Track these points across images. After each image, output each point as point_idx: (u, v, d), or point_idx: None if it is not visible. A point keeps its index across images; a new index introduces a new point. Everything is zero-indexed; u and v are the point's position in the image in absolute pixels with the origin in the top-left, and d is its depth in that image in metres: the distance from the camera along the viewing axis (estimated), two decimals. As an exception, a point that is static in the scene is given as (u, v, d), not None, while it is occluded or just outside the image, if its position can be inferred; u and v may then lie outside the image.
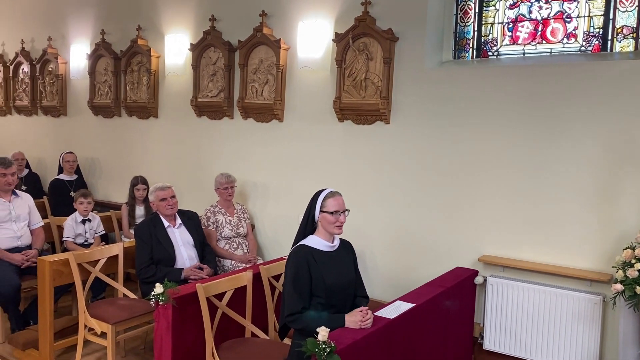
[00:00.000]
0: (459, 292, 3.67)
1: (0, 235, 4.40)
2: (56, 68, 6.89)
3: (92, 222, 4.96)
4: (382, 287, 4.40)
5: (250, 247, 4.89)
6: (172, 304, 3.17)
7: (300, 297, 2.75)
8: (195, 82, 5.52)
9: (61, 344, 4.05)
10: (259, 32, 4.94)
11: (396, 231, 4.38)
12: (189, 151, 5.73)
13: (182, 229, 4.34)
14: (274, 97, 4.94)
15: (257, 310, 3.58)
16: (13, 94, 7.58)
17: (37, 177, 6.81)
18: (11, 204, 4.54)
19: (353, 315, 2.75)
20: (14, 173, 4.56)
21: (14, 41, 7.49)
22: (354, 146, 4.57)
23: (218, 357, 3.15)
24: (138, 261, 4.09)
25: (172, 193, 4.31)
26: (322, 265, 2.82)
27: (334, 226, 2.85)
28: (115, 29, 6.28)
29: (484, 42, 4.31)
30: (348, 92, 4.48)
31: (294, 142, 4.93)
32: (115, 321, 3.71)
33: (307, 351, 2.42)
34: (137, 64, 6.01)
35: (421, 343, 3.25)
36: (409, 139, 4.29)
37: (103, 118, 6.51)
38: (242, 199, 5.26)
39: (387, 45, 4.26)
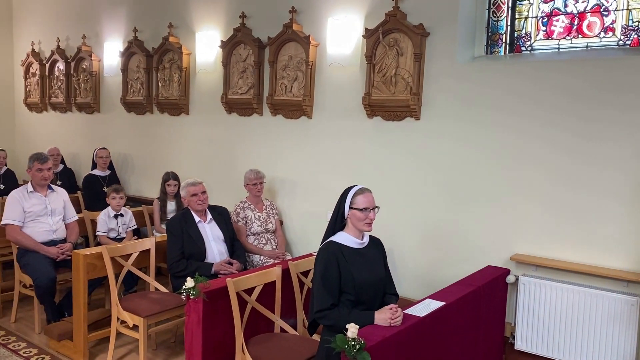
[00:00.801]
0: (490, 291, 3.61)
1: (37, 229, 4.53)
2: (90, 65, 7.04)
3: (124, 216, 5.05)
4: (412, 285, 4.36)
5: (278, 243, 4.91)
6: (203, 298, 3.21)
7: (329, 293, 2.74)
8: (225, 79, 5.56)
9: (94, 336, 4.14)
10: (288, 29, 4.95)
11: (426, 229, 4.34)
12: (219, 147, 5.78)
13: (212, 224, 4.39)
14: (303, 94, 4.94)
15: (286, 306, 3.60)
16: (49, 91, 7.77)
17: (71, 173, 6.97)
18: (47, 198, 4.65)
19: (382, 313, 2.73)
20: (49, 168, 4.67)
21: (50, 39, 7.67)
22: (383, 142, 4.54)
23: (247, 351, 3.17)
24: (169, 255, 4.15)
25: (202, 189, 4.36)
26: (352, 261, 2.81)
27: (364, 223, 2.84)
28: (147, 26, 6.37)
29: (517, 37, 4.23)
30: (378, 88, 4.46)
31: (323, 138, 4.93)
32: (147, 314, 3.77)
33: (336, 347, 2.42)
34: (168, 61, 6.09)
35: (451, 342, 3.21)
36: (440, 135, 4.24)
37: (135, 115, 6.62)
38: (271, 195, 5.29)
39: (418, 41, 4.21)
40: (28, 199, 4.56)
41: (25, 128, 8.38)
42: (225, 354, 3.36)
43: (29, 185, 4.64)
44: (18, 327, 4.65)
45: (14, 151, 8.11)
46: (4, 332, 4.53)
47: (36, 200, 4.59)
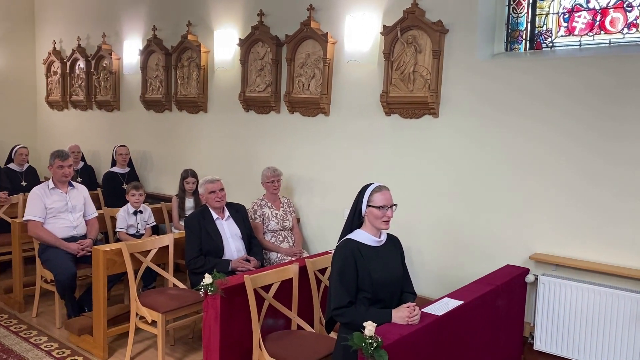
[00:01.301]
0: (509, 291, 3.58)
1: (58, 225, 4.60)
2: (110, 64, 7.11)
3: (143, 213, 5.10)
4: (429, 283, 4.34)
5: (295, 241, 4.92)
6: (221, 295, 3.22)
7: (346, 291, 2.74)
8: (243, 76, 5.58)
9: (114, 331, 4.19)
10: (306, 26, 4.95)
11: (444, 227, 4.31)
12: (237, 145, 5.80)
13: (230, 222, 4.41)
14: (320, 91, 4.94)
15: (302, 303, 3.60)
16: (69, 90, 7.87)
17: (91, 170, 7.05)
18: (67, 195, 4.72)
19: (400, 311, 2.72)
20: (70, 165, 4.74)
21: (71, 38, 7.77)
22: (401, 140, 4.51)
23: (265, 348, 3.18)
24: (188, 252, 4.19)
25: (220, 186, 4.39)
26: (369, 259, 2.80)
27: (381, 221, 2.83)
28: (166, 25, 6.42)
29: (537, 34, 4.17)
30: (395, 86, 4.43)
31: (340, 136, 4.92)
32: (165, 310, 3.81)
33: (353, 345, 2.41)
34: (187, 60, 6.13)
35: (470, 341, 3.19)
36: (459, 133, 4.20)
37: (154, 112, 6.68)
38: (288, 193, 5.30)
39: (437, 38, 4.18)
40: (49, 196, 4.63)
41: (47, 126, 8.51)
42: (243, 350, 3.38)
43: (50, 182, 4.71)
44: (39, 321, 4.73)
45: (36, 149, 8.24)
46: (26, 326, 4.61)
47: (57, 196, 4.66)
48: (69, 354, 4.11)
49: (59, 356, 4.07)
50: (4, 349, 4.13)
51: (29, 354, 4.07)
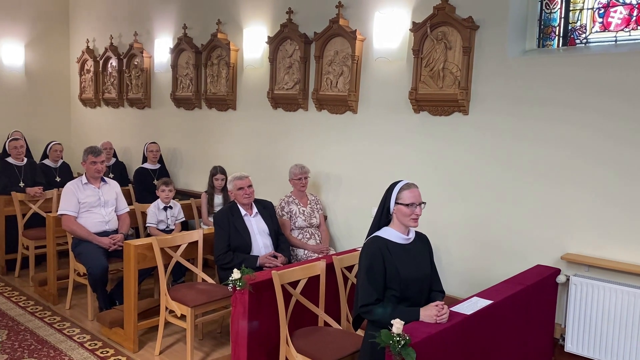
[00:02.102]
0: (539, 291, 3.52)
1: (91, 220, 4.70)
2: (141, 62, 7.23)
3: (173, 209, 5.18)
4: (458, 283, 4.30)
5: (322, 238, 4.93)
6: (249, 290, 3.25)
7: (374, 288, 2.73)
8: (271, 74, 5.61)
9: (144, 324, 4.27)
10: (334, 24, 4.95)
11: (474, 226, 4.26)
12: (265, 142, 5.84)
13: (258, 218, 4.44)
14: (348, 89, 4.93)
15: (329, 300, 3.61)
16: (102, 87, 8.03)
17: (123, 166, 7.19)
18: (100, 190, 4.82)
19: (428, 310, 2.70)
20: (103, 161, 4.84)
21: (104, 37, 7.93)
22: (430, 138, 4.48)
23: (292, 344, 3.20)
24: (216, 247, 4.23)
25: (249, 182, 4.42)
26: (397, 257, 2.79)
27: (410, 219, 2.81)
28: (196, 23, 6.50)
29: (571, 30, 4.09)
30: (425, 83, 4.40)
31: (368, 133, 4.91)
32: (194, 304, 3.86)
33: (381, 342, 2.41)
34: (217, 58, 6.19)
35: (499, 341, 3.15)
36: (489, 130, 4.15)
37: (184, 110, 6.77)
38: (315, 190, 5.31)
39: (467, 34, 4.13)
40: (82, 191, 4.74)
41: (80, 123, 8.70)
42: (270, 345, 3.40)
43: (83, 178, 4.82)
44: (72, 313, 4.85)
45: (69, 145, 8.43)
46: (60, 318, 4.72)
47: (90, 191, 4.76)
48: (101, 346, 4.20)
49: (91, 348, 4.17)
50: (39, 340, 4.25)
51: (63, 345, 4.17)
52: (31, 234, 5.64)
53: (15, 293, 5.29)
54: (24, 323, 4.56)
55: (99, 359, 3.99)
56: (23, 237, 5.71)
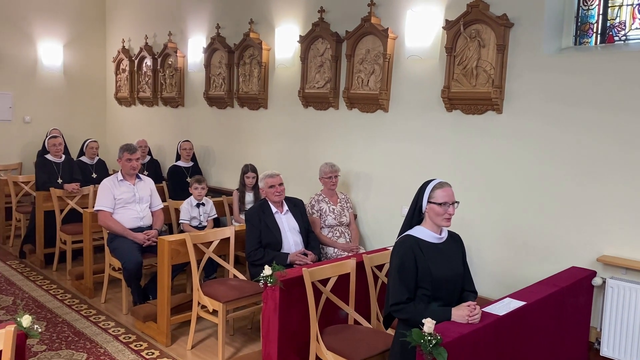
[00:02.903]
0: (574, 293, 3.45)
1: (126, 216, 4.81)
2: (175, 61, 7.35)
3: (205, 206, 5.25)
4: (490, 283, 4.24)
5: (352, 236, 4.93)
6: (280, 286, 3.28)
7: (405, 287, 2.72)
8: (302, 73, 5.63)
9: (177, 319, 4.34)
10: (366, 22, 4.94)
11: (507, 226, 4.20)
12: (296, 141, 5.87)
13: (288, 216, 4.47)
14: (379, 87, 4.92)
15: (359, 299, 3.61)
16: (137, 86, 8.20)
17: (157, 164, 7.32)
18: (135, 186, 4.93)
19: (460, 309, 2.68)
20: (138, 158, 4.94)
21: (139, 37, 8.09)
22: (462, 137, 4.43)
23: (322, 341, 3.21)
24: (248, 244, 4.28)
25: (280, 180, 4.45)
26: (429, 256, 2.77)
27: (442, 218, 2.79)
28: (229, 23, 6.57)
29: (609, 26, 3.99)
30: (458, 81, 4.36)
31: (399, 132, 4.88)
32: (226, 300, 3.91)
33: (412, 341, 2.40)
34: (249, 57, 6.25)
35: (531, 343, 3.10)
36: (523, 129, 4.08)
37: (217, 109, 6.86)
38: (346, 189, 5.31)
39: (501, 32, 4.07)
40: (118, 187, 4.85)
41: (115, 121, 8.90)
42: (300, 342, 3.42)
43: (119, 174, 4.93)
44: (107, 307, 4.96)
45: (105, 143, 8.63)
46: (95, 311, 4.85)
47: (125, 188, 4.87)
48: (135, 339, 4.30)
49: (125, 341, 4.26)
50: (75, 332, 4.37)
51: (98, 338, 4.28)
52: (68, 229, 5.79)
53: (53, 286, 5.45)
54: (61, 315, 4.69)
55: (133, 352, 4.08)
56: (61, 232, 5.87)
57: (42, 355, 3.94)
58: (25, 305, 4.87)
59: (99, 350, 4.07)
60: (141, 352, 4.07)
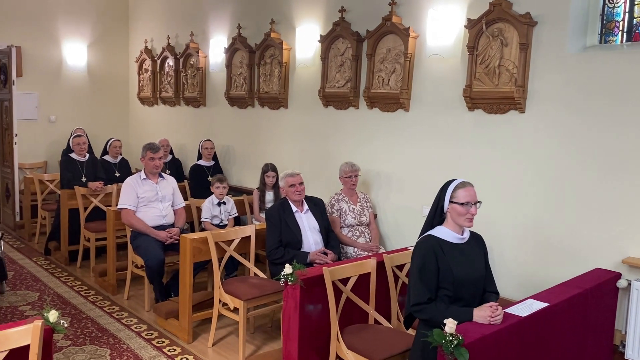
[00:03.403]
0: (598, 295, 3.40)
1: (148, 214, 4.87)
2: (197, 62, 7.42)
3: (226, 204, 5.30)
4: (512, 284, 4.20)
5: (372, 236, 4.92)
6: (300, 285, 3.29)
7: (426, 287, 2.71)
8: (323, 73, 5.64)
9: (198, 316, 4.39)
10: (387, 21, 4.93)
11: (529, 227, 4.15)
12: (316, 140, 5.88)
13: (308, 215, 4.48)
14: (400, 86, 4.91)
15: (379, 298, 3.60)
16: (159, 86, 8.29)
17: (179, 162, 7.40)
18: (158, 185, 4.99)
19: (482, 310, 2.66)
20: (161, 157, 5.00)
21: (161, 37, 8.18)
22: (484, 136, 4.40)
23: (342, 340, 3.22)
24: (268, 243, 4.31)
25: (300, 180, 4.47)
26: (451, 256, 2.76)
27: (464, 218, 2.77)
28: (250, 23, 6.61)
29: (636, 24, 3.92)
30: (480, 80, 4.32)
31: (420, 131, 4.86)
32: (247, 298, 3.93)
33: (433, 341, 2.39)
34: (269, 57, 6.28)
35: (554, 346, 3.06)
36: (547, 129, 4.04)
37: (238, 108, 6.90)
38: (366, 188, 5.31)
39: (524, 30, 4.03)
40: (141, 186, 4.91)
41: (138, 120, 9.02)
42: (320, 341, 3.43)
43: (142, 173, 5.00)
44: (130, 304, 5.03)
45: (128, 142, 8.75)
46: (118, 307, 4.92)
47: (148, 186, 4.93)
48: (157, 336, 4.35)
49: (147, 337, 4.32)
50: (99, 328, 4.44)
51: (121, 334, 4.35)
52: (92, 227, 5.89)
53: (77, 283, 5.55)
54: (85, 311, 4.78)
55: (155, 348, 4.13)
56: (85, 229, 5.97)
57: (67, 350, 4.02)
58: (50, 301, 4.96)
59: (122, 346, 4.14)
60: (163, 349, 4.13)
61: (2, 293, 5.08)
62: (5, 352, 2.24)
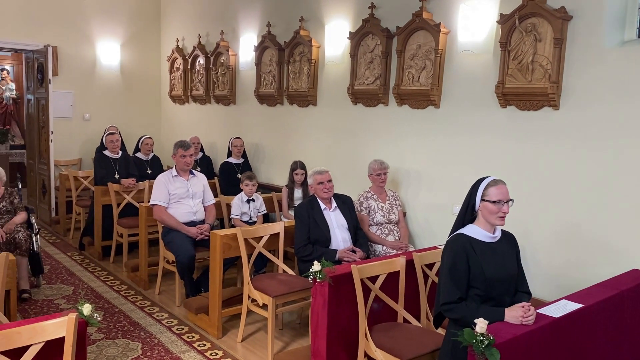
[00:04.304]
0: (636, 297, 3.30)
1: (180, 210, 4.94)
2: (227, 60, 7.48)
3: (255, 202, 5.33)
4: (544, 285, 4.12)
5: (401, 234, 4.88)
6: (329, 282, 3.29)
7: (456, 286, 2.68)
8: (352, 70, 5.62)
9: (228, 312, 4.43)
10: (418, 17, 4.88)
11: (563, 226, 4.05)
12: (344, 137, 5.87)
13: (337, 212, 4.48)
14: (431, 83, 4.85)
15: (408, 297, 3.57)
16: (190, 85, 8.39)
17: (209, 160, 7.48)
18: (189, 182, 5.05)
19: (514, 310, 2.61)
20: (191, 155, 5.07)
21: (192, 36, 8.27)
22: (517, 133, 4.31)
23: (371, 338, 3.20)
24: (297, 240, 4.32)
25: (329, 177, 4.47)
26: (482, 255, 2.71)
27: (496, 217, 2.72)
28: (280, 21, 6.63)
29: (677, 17, 3.79)
30: (512, 76, 4.24)
31: (451, 128, 4.80)
32: (276, 294, 3.95)
33: (463, 341, 2.36)
34: (299, 54, 6.29)
35: (589, 348, 2.98)
36: (582, 126, 3.93)
37: (267, 106, 6.94)
38: (395, 186, 5.27)
39: (559, 25, 3.93)
40: (172, 183, 4.98)
41: (169, 118, 9.15)
42: (349, 338, 3.42)
43: (173, 170, 5.07)
44: (161, 299, 5.12)
45: (160, 139, 8.89)
46: (150, 302, 5.00)
47: (179, 183, 5.00)
48: (187, 331, 4.41)
49: (178, 332, 4.38)
50: (131, 322, 4.52)
51: (153, 328, 4.42)
52: (125, 223, 6.00)
53: (110, 277, 5.67)
54: (118, 306, 4.87)
55: (186, 343, 4.19)
56: (117, 225, 6.09)
57: (100, 344, 4.11)
58: (84, 295, 5.08)
59: (153, 340, 4.21)
60: (193, 344, 4.18)
61: (39, 286, 5.23)
62: (42, 343, 2.31)
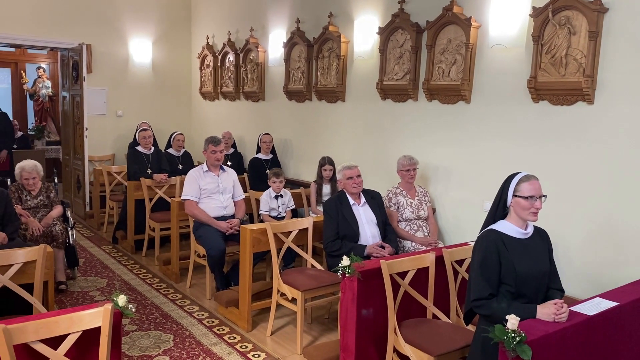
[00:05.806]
0: (673, 296, 3.21)
1: (210, 205, 5.01)
2: (256, 56, 7.53)
3: (284, 197, 5.37)
4: (577, 282, 4.04)
5: (431, 231, 4.86)
6: (358, 277, 3.30)
7: (487, 282, 2.66)
8: (381, 65, 5.60)
9: (257, 305, 4.49)
10: (448, 12, 4.83)
11: (597, 223, 3.97)
12: (373, 133, 5.86)
13: (365, 208, 4.48)
14: (461, 78, 4.80)
15: (438, 293, 3.56)
16: (220, 81, 8.49)
17: (240, 156, 7.55)
18: (219, 177, 5.12)
19: (546, 307, 2.58)
20: (222, 150, 5.13)
21: (222, 33, 8.36)
22: (550, 128, 4.24)
23: (400, 333, 3.20)
24: (325, 235, 4.34)
25: (358, 172, 4.47)
26: (513, 252, 2.69)
27: (529, 212, 2.69)
28: (309, 17, 6.64)
29: None
30: (545, 70, 4.17)
31: (482, 123, 4.74)
32: (305, 288, 3.98)
33: (494, 337, 2.34)
34: (327, 50, 6.29)
35: (623, 348, 2.92)
36: (617, 121, 3.84)
37: (296, 102, 6.97)
38: (424, 182, 5.24)
39: (594, 18, 3.85)
40: (203, 178, 5.06)
41: (200, 115, 9.27)
42: (378, 333, 3.43)
43: (204, 166, 5.14)
44: (192, 292, 5.20)
45: (190, 135, 9.00)
46: (181, 295, 5.09)
47: (210, 179, 5.07)
48: (217, 324, 4.48)
49: (208, 325, 4.45)
50: (163, 314, 4.62)
51: (184, 321, 4.50)
52: (157, 217, 6.11)
53: (142, 270, 5.79)
54: (150, 298, 4.97)
55: (216, 335, 4.25)
56: (150, 219, 6.20)
57: (133, 335, 4.20)
58: (118, 288, 5.20)
59: (184, 332, 4.28)
60: (223, 336, 4.24)
61: (74, 279, 5.38)
62: (79, 332, 2.38)
